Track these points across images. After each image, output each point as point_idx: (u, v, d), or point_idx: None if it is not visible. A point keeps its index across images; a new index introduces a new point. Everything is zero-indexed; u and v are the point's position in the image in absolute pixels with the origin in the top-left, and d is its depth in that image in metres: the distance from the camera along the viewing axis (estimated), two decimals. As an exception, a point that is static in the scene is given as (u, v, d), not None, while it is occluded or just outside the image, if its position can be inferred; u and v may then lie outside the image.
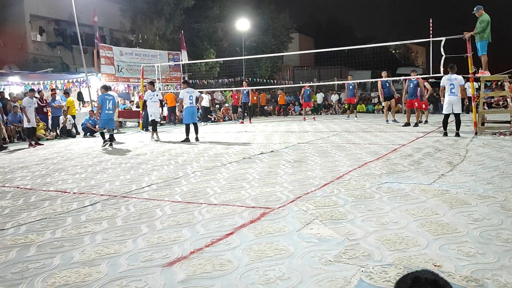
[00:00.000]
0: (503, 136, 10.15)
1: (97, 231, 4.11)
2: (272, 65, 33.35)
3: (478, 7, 10.81)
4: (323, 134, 12.62)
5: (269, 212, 4.42)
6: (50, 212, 4.94)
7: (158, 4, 25.67)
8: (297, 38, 41.84)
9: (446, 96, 10.46)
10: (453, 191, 4.97)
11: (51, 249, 3.70)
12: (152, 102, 13.12)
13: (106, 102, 11.60)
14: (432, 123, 14.64)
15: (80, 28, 19.93)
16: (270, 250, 3.37)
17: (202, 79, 25.83)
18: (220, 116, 23.12)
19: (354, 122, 17.52)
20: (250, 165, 7.50)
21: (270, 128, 16.06)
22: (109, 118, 11.75)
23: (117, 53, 21.64)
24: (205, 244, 3.59)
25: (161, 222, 4.29)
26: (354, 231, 3.74)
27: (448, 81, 10.42)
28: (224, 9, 30.06)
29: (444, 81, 10.54)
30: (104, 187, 6.23)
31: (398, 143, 9.62)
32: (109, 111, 11.68)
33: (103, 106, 11.56)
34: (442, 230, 3.65)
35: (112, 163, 8.54)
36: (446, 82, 10.46)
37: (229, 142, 11.57)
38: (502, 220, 3.85)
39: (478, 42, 10.88)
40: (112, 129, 12.24)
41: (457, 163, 6.82)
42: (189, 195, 5.39)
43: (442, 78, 10.79)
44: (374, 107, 25.30)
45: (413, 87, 14.08)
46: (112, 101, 11.81)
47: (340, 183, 5.67)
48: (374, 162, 7.26)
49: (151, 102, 13.12)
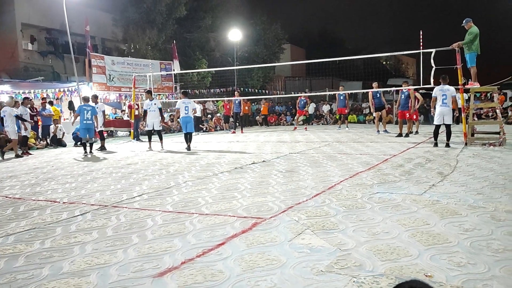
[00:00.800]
0: (493, 147, 10.25)
1: (87, 241, 4.06)
2: (264, 76, 33.51)
3: (467, 19, 10.98)
4: (314, 144, 12.65)
5: (261, 222, 4.41)
6: (39, 222, 4.88)
7: (150, 14, 25.74)
8: (288, 48, 42.11)
9: (438, 106, 10.54)
10: (443, 201, 4.99)
11: (40, 259, 3.65)
12: (150, 111, 12.98)
13: (84, 112, 12.13)
14: (422, 134, 14.76)
15: (72, 37, 19.90)
16: (261, 260, 3.36)
17: (194, 89, 25.86)
18: (212, 125, 23.11)
19: (345, 132, 17.60)
20: (242, 175, 7.49)
21: (261, 138, 16.08)
22: (87, 127, 12.23)
23: (109, 62, 21.62)
24: (196, 254, 3.57)
25: (152, 232, 4.26)
26: (345, 241, 3.74)
27: (441, 92, 10.50)
28: (216, 20, 30.20)
29: (437, 92, 10.60)
30: (95, 196, 6.17)
31: (389, 153, 9.67)
32: (87, 121, 12.17)
33: (80, 116, 12.18)
34: (433, 240, 3.66)
35: (102, 173, 8.48)
36: (439, 93, 10.53)
37: (221, 152, 11.56)
38: (492, 230, 3.87)
39: (467, 54, 11.03)
40: (92, 138, 12.55)
41: (447, 174, 6.87)
42: (181, 205, 5.37)
43: (434, 89, 10.83)
44: (365, 117, 25.45)
45: (405, 98, 14.25)
46: (91, 111, 12.22)
47: (332, 193, 5.67)
48: (365, 172, 7.29)
49: (149, 112, 12.99)
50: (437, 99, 10.53)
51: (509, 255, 3.29)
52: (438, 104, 10.53)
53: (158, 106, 13.00)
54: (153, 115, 12.99)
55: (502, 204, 4.78)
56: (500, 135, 10.80)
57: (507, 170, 6.98)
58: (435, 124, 10.78)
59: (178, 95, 25.42)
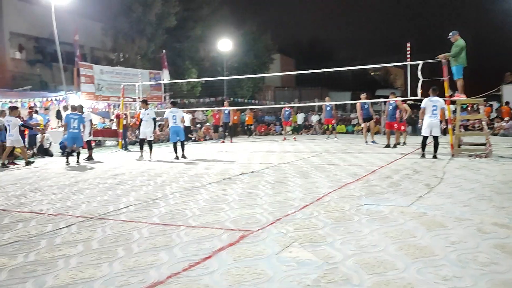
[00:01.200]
0: (479, 158, 10.35)
1: (72, 255, 4.00)
2: (253, 86, 33.64)
3: (453, 32, 11.13)
4: (303, 155, 12.67)
5: (248, 235, 4.38)
6: (23, 234, 4.80)
7: (140, 24, 25.76)
8: (278, 59, 42.34)
9: (427, 118, 10.59)
10: (430, 213, 5.02)
11: (23, 273, 3.58)
12: (143, 121, 12.99)
13: (70, 121, 12.20)
14: (410, 145, 14.86)
15: (61, 46, 19.84)
16: (248, 274, 3.33)
17: (184, 99, 25.83)
18: (201, 135, 23.06)
19: (334, 142, 17.67)
20: (230, 186, 7.47)
21: (251, 148, 16.07)
22: (74, 136, 12.26)
23: (98, 72, 21.53)
24: (182, 268, 3.53)
25: (138, 245, 4.21)
26: (333, 254, 3.73)
27: (431, 103, 10.55)
28: (207, 30, 30.31)
29: (427, 103, 10.62)
30: (81, 208, 6.10)
31: (377, 165, 9.72)
32: (74, 130, 12.22)
33: (68, 125, 12.27)
34: (420, 253, 3.66)
35: (89, 184, 8.39)
36: (429, 104, 10.57)
37: (210, 162, 11.52)
38: (478, 243, 3.89)
39: (454, 66, 11.17)
40: (79, 148, 12.50)
41: (434, 185, 6.91)
42: (168, 217, 5.32)
43: (424, 100, 10.84)
44: (353, 128, 25.60)
45: (392, 109, 14.42)
46: (78, 120, 12.24)
47: (320, 205, 5.67)
48: (353, 183, 7.31)
49: (143, 121, 13.00)
50: (426, 110, 10.57)
51: (495, 269, 3.30)
52: (427, 115, 10.58)
53: (151, 116, 13.01)
54: (146, 124, 12.97)
55: (488, 216, 4.82)
56: (486, 146, 10.92)
57: (493, 182, 7.04)
58: (423, 135, 10.83)
59: (167, 105, 25.41)
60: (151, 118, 12.97)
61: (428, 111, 10.54)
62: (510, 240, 3.97)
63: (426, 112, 10.57)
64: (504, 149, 12.64)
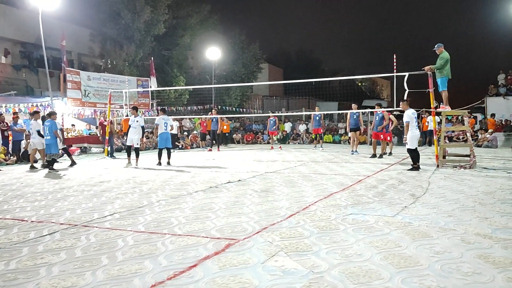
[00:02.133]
0: (463, 169, 10.48)
1: (54, 262, 3.94)
2: (241, 94, 33.69)
3: (438, 44, 11.30)
4: (290, 164, 12.70)
5: (234, 244, 4.36)
6: (5, 241, 4.72)
7: (128, 31, 25.67)
8: (266, 68, 42.52)
9: (414, 130, 10.60)
10: (415, 223, 5.05)
11: (3, 281, 3.51)
12: (132, 127, 12.93)
13: (44, 128, 12.40)
14: (396, 155, 14.99)
15: (47, 51, 19.65)
16: (234, 283, 3.31)
17: (171, 106, 25.76)
18: (188, 143, 22.98)
19: (321, 152, 17.75)
20: (217, 194, 7.44)
21: (238, 157, 16.05)
22: (47, 143, 12.30)
23: (85, 78, 21.38)
24: (167, 276, 3.50)
25: (123, 253, 4.16)
26: (318, 263, 3.73)
27: (413, 115, 10.66)
28: (195, 38, 30.33)
29: (410, 116, 10.60)
30: (65, 215, 6.02)
31: (363, 174, 9.78)
32: (46, 137, 12.31)
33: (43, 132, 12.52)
34: (405, 263, 3.68)
35: (74, 190, 8.29)
36: (412, 117, 10.61)
37: (196, 170, 11.47)
38: (462, 253, 3.93)
39: (439, 78, 11.32)
40: (53, 154, 12.33)
41: (419, 195, 6.97)
42: (153, 225, 5.27)
43: (407, 113, 10.73)
44: (340, 137, 25.75)
45: (379, 119, 14.55)
46: (49, 127, 12.23)
47: (306, 214, 5.68)
48: (339, 193, 7.34)
49: (131, 128, 12.94)
50: (411, 123, 10.59)
51: (478, 279, 3.33)
52: (414, 127, 10.62)
53: (140, 124, 12.97)
54: (134, 131, 12.93)
55: (472, 227, 4.87)
56: (471, 157, 11.06)
57: (476, 193, 7.13)
58: (414, 148, 10.63)
59: (154, 112, 25.29)
60: (140, 125, 12.92)
61: (413, 124, 10.60)
62: (493, 250, 4.02)
63: (411, 125, 10.58)
64: (488, 161, 12.82)
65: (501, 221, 5.15)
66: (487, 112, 25.60)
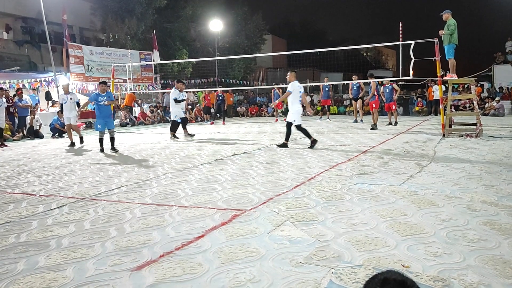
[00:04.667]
0: (470, 138, 10.42)
1: (64, 235, 4.00)
2: (245, 66, 33.39)
3: (446, 11, 11.08)
4: (295, 136, 12.67)
5: (241, 214, 4.40)
6: (14, 215, 4.78)
7: (129, 3, 25.32)
8: (270, 39, 42.00)
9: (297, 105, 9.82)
10: (421, 192, 5.06)
11: (15, 254, 3.58)
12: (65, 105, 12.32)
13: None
14: (401, 125, 14.92)
15: (49, 26, 19.46)
16: (241, 253, 3.35)
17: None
18: (193, 117, 22.94)
19: (326, 123, 17.71)
20: (222, 166, 7.47)
21: (243, 130, 16.05)
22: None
23: (87, 52, 21.25)
24: (175, 247, 3.54)
25: (131, 225, 4.21)
26: (324, 232, 3.76)
27: (298, 88, 9.81)
28: (197, 10, 29.89)
29: (295, 88, 9.71)
30: (72, 189, 6.08)
31: (369, 145, 9.76)
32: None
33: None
34: (411, 231, 3.71)
35: (80, 165, 8.35)
36: (297, 90, 9.74)
37: (202, 143, 11.49)
38: (468, 221, 3.94)
39: (446, 46, 11.14)
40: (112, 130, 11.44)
41: (425, 165, 6.96)
42: (160, 197, 5.32)
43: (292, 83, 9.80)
44: (345, 108, 25.60)
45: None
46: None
47: (312, 185, 5.70)
48: (345, 163, 7.34)
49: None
50: (293, 94, 9.69)
51: (484, 245, 3.35)
52: (297, 102, 9.81)
53: (183, 97, 13.09)
54: (177, 105, 13.04)
55: (478, 195, 4.87)
56: (477, 126, 10.99)
57: (483, 161, 7.11)
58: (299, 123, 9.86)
59: (158, 86, 25.21)
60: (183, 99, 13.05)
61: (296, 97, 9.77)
62: (499, 217, 4.03)
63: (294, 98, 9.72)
64: (494, 129, 12.74)
65: (507, 188, 5.15)
66: (494, 80, 25.26)
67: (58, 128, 15.35)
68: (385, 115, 17.03)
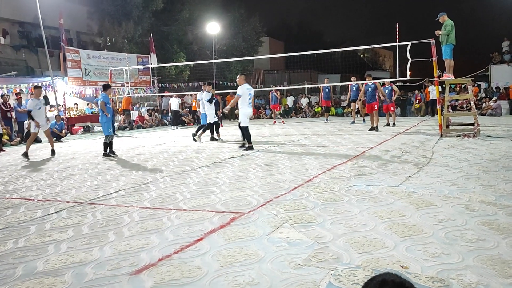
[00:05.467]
0: (467, 138, 10.44)
1: (62, 240, 3.99)
2: (242, 69, 33.35)
3: (441, 13, 11.12)
4: (293, 137, 12.69)
5: (239, 217, 4.40)
6: (12, 220, 4.77)
7: (126, 7, 25.30)
8: (267, 41, 42.00)
9: (246, 107, 10.02)
10: (419, 193, 5.07)
11: (13, 259, 3.57)
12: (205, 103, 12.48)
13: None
14: (399, 126, 14.95)
15: (46, 31, 19.44)
16: (240, 255, 3.35)
17: (172, 83, 25.61)
18: (191, 120, 22.93)
19: (324, 125, 17.73)
20: (221, 169, 7.46)
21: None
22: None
23: (84, 56, 21.23)
24: (174, 250, 3.54)
25: (129, 229, 4.21)
26: (323, 234, 3.76)
27: (248, 91, 9.99)
28: (194, 13, 29.88)
29: (244, 91, 9.87)
30: (70, 193, 6.07)
31: (367, 146, 9.77)
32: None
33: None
34: (409, 232, 3.71)
35: (78, 169, 8.34)
36: (246, 92, 9.90)
37: (200, 146, 11.49)
38: (466, 221, 3.95)
39: (444, 46, 11.16)
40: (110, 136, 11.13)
41: (423, 165, 6.97)
42: (158, 201, 5.32)
43: (241, 87, 9.97)
44: (343, 110, 25.62)
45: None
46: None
47: (310, 186, 5.70)
48: (343, 165, 7.35)
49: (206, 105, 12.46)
50: (243, 97, 9.92)
51: (482, 245, 3.35)
52: (247, 104, 10.02)
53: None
54: (210, 108, 12.49)
55: (476, 195, 4.88)
56: (474, 126, 11.01)
57: (480, 161, 7.12)
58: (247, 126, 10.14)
59: (156, 89, 25.17)
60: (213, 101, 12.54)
61: (245, 100, 9.97)
62: (497, 217, 4.04)
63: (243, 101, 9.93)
64: (492, 129, 12.77)
65: (505, 188, 5.16)
66: (491, 80, 25.33)
67: (55, 133, 15.31)
68: (383, 116, 17.05)
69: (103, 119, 10.20)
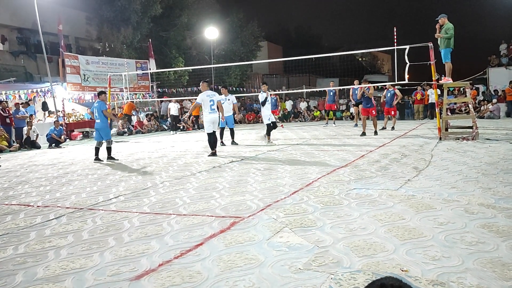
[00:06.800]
0: (466, 141, 10.46)
1: (62, 246, 3.99)
2: (241, 73, 33.43)
3: (442, 15, 11.13)
4: (292, 141, 12.70)
5: (239, 221, 4.40)
6: (12, 227, 4.77)
7: (125, 12, 25.37)
8: (266, 46, 42.12)
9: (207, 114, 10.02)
10: (419, 196, 5.07)
11: (13, 265, 3.57)
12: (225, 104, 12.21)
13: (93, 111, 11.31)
14: (398, 130, 14.97)
15: (45, 37, 19.50)
16: (240, 260, 3.35)
17: (171, 88, 25.64)
18: (190, 124, 22.94)
19: (323, 129, 17.75)
20: (220, 174, 7.47)
21: (240, 136, 16.04)
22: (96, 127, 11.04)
23: (83, 62, 21.27)
24: (174, 255, 3.54)
25: (129, 234, 4.21)
26: (323, 238, 3.77)
27: (208, 98, 10.01)
28: (192, 18, 29.97)
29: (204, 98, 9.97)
30: (70, 199, 6.07)
31: (366, 149, 9.78)
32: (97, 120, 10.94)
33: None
34: (409, 235, 3.71)
35: (78, 175, 8.33)
36: (206, 99, 9.96)
37: (199, 151, 11.49)
38: (465, 224, 3.95)
39: (442, 49, 11.18)
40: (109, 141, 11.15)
41: (422, 168, 6.98)
42: (158, 206, 5.31)
43: (200, 95, 10.12)
44: (342, 114, 25.64)
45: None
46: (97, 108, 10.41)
47: (310, 190, 5.70)
48: (342, 168, 7.35)
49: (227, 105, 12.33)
50: (204, 105, 10.01)
51: (482, 248, 3.36)
52: (208, 111, 10.00)
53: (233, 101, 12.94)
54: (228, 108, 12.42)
55: (475, 197, 4.89)
56: (473, 129, 11.03)
57: (479, 164, 7.13)
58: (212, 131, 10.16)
59: (155, 94, 25.20)
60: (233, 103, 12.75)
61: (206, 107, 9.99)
62: (496, 220, 4.04)
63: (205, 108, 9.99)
64: (490, 132, 12.79)
65: (504, 191, 5.17)
66: (489, 83, 25.38)
67: (54, 138, 15.32)
68: (381, 119, 17.10)
69: (103, 124, 10.18)
